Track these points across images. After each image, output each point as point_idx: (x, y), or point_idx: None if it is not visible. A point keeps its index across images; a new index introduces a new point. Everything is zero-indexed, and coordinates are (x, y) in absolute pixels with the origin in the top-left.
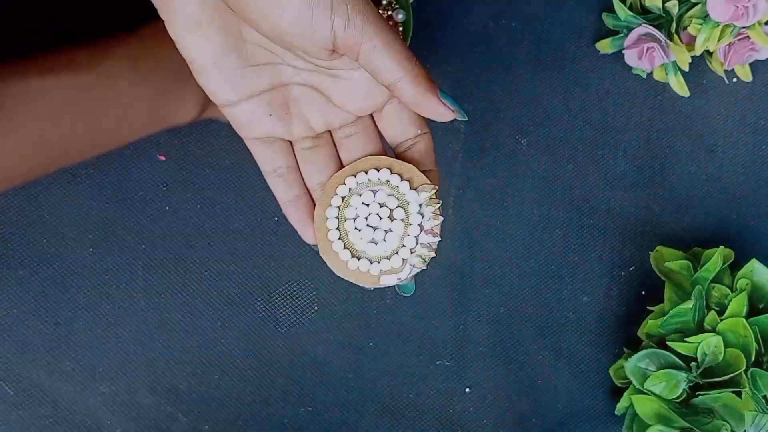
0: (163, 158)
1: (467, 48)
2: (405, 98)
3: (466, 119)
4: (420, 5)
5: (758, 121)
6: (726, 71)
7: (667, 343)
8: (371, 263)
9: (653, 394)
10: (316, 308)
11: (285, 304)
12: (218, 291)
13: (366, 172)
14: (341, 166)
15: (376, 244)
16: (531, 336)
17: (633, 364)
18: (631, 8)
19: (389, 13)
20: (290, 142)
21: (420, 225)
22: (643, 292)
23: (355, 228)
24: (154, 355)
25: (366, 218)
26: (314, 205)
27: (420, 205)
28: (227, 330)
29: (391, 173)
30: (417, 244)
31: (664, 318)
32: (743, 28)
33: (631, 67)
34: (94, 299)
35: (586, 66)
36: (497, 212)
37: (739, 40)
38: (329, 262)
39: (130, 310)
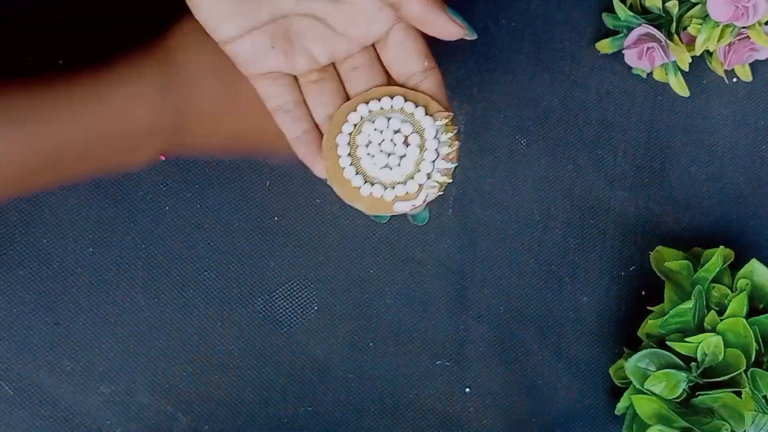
0: (163, 158)
1: (467, 48)
2: (412, 13)
3: (476, 37)
4: None
5: (758, 121)
6: (726, 71)
7: (667, 343)
8: (385, 189)
9: (653, 394)
10: (316, 308)
11: (285, 303)
12: (218, 291)
13: (379, 100)
14: (348, 99)
15: (391, 169)
16: (531, 336)
17: (633, 364)
18: (631, 8)
19: None
20: (295, 78)
21: (436, 150)
22: (643, 292)
23: (368, 154)
24: (154, 355)
25: (379, 144)
26: (322, 138)
27: (436, 131)
28: (227, 330)
29: (405, 101)
30: (433, 169)
31: (664, 318)
32: (743, 28)
33: (631, 67)
34: (94, 299)
35: (586, 66)
36: (497, 212)
37: (739, 40)
38: (339, 190)
39: (130, 309)
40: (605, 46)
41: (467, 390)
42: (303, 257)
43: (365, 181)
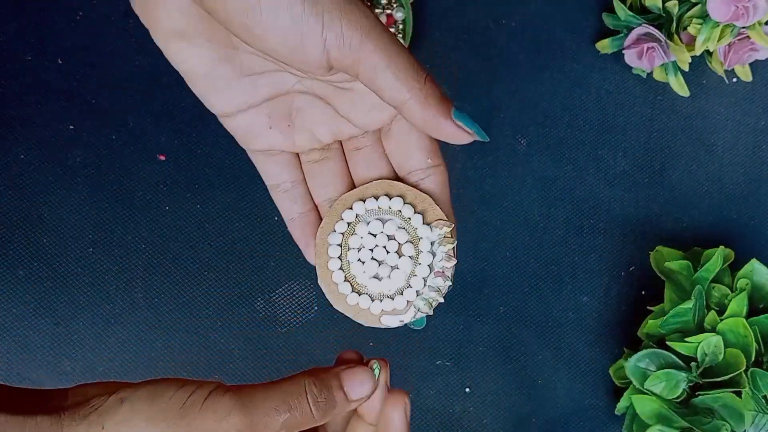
0: (163, 158)
1: (467, 48)
2: (414, 121)
3: (488, 140)
4: (420, 4)
5: (758, 121)
6: (726, 71)
7: (667, 343)
8: (372, 300)
9: (653, 394)
10: (316, 308)
11: (285, 303)
12: (218, 291)
13: (376, 198)
14: (351, 181)
15: (380, 280)
16: (531, 336)
17: (633, 364)
18: (631, 8)
19: (389, 11)
20: (297, 154)
21: (430, 266)
22: (643, 292)
23: (359, 260)
24: (154, 354)
25: (371, 250)
26: (320, 222)
27: (432, 243)
28: (227, 329)
29: (404, 203)
30: (425, 286)
31: (664, 318)
32: (743, 28)
33: (631, 67)
34: (94, 299)
35: (586, 66)
36: (497, 212)
37: (739, 40)
38: (327, 293)
39: (130, 309)
40: (605, 46)
41: (467, 390)
42: (303, 257)
43: (353, 290)
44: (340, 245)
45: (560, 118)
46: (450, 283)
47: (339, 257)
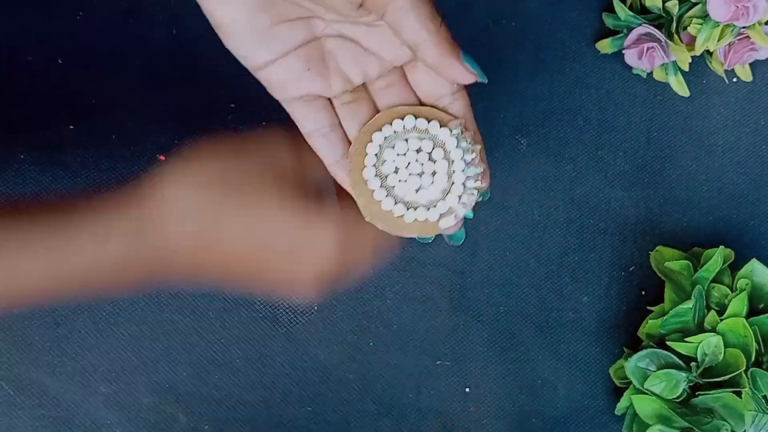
0: (163, 158)
1: (467, 48)
2: (428, 61)
3: (486, 81)
4: None
5: (758, 121)
6: (726, 71)
7: (667, 343)
8: (428, 210)
9: (653, 394)
10: (316, 308)
11: (285, 303)
12: (218, 291)
13: (390, 123)
14: None
15: (426, 189)
16: (531, 336)
17: (633, 364)
18: (631, 8)
19: None
20: (329, 100)
21: (462, 159)
22: (643, 292)
23: (400, 181)
24: (154, 354)
25: (407, 168)
26: None
27: (456, 141)
28: (227, 330)
29: (416, 119)
30: (465, 177)
31: (664, 318)
32: (743, 28)
33: (631, 67)
34: (94, 299)
35: (586, 66)
36: (497, 212)
37: (739, 40)
38: (383, 225)
39: (130, 310)
40: (605, 46)
41: (467, 390)
42: None
43: (407, 208)
44: (377, 176)
45: (560, 118)
46: (485, 166)
47: (381, 187)
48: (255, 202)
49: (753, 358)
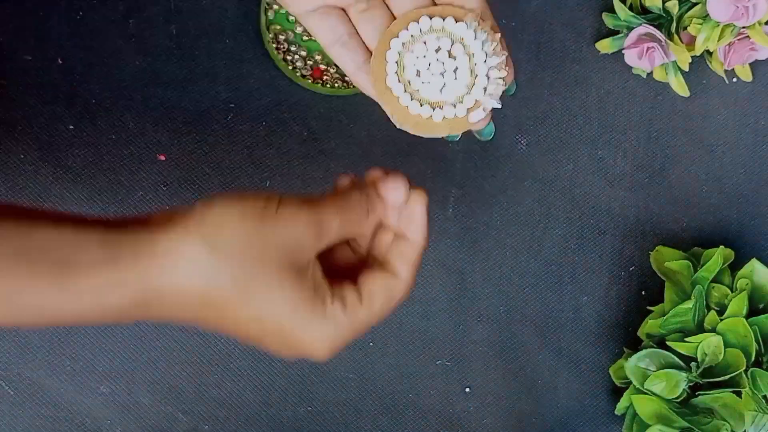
0: (163, 158)
1: None
2: None
3: None
4: None
5: (758, 121)
6: (726, 71)
7: (667, 343)
8: (455, 107)
9: (653, 394)
10: None
11: None
12: None
13: (407, 28)
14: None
15: (450, 86)
16: (531, 336)
17: (633, 364)
18: (631, 8)
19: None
20: (344, 11)
21: (482, 50)
22: (643, 292)
23: (423, 83)
24: (154, 354)
25: (428, 68)
26: None
27: (474, 33)
28: None
29: (430, 18)
30: (488, 68)
31: (664, 318)
32: (743, 28)
33: (631, 67)
34: None
35: (586, 66)
36: (497, 212)
37: (739, 40)
38: (414, 129)
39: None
40: (605, 46)
41: (467, 390)
42: None
43: (434, 108)
44: (400, 82)
45: (560, 118)
46: (506, 54)
47: (406, 92)
48: (268, 283)
49: (753, 358)
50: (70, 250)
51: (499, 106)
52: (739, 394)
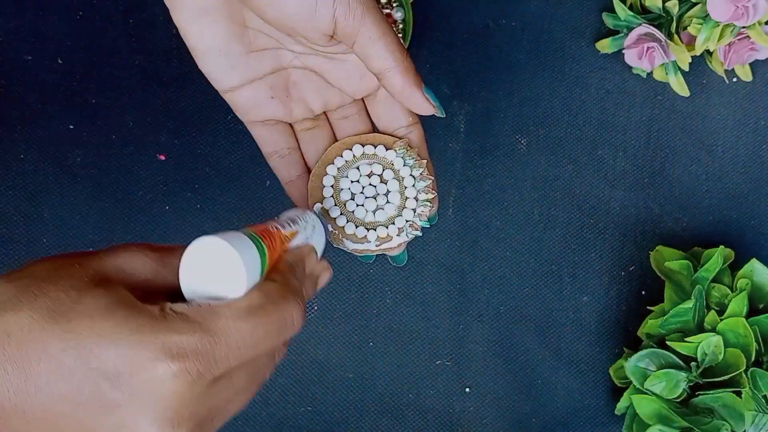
0: (163, 158)
1: (467, 48)
2: (393, 88)
3: (444, 117)
4: (420, 4)
5: (758, 121)
6: (726, 71)
7: (667, 343)
8: (387, 228)
9: (653, 393)
10: (316, 308)
11: None
12: None
13: (341, 155)
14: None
15: (384, 209)
16: (531, 336)
17: (633, 364)
18: (631, 8)
19: (388, 11)
20: (290, 125)
21: (411, 175)
22: (643, 292)
23: (357, 205)
24: None
25: (362, 192)
26: None
27: (403, 159)
28: None
29: (362, 146)
30: (417, 191)
31: (664, 318)
32: (743, 28)
33: (631, 67)
34: None
35: (586, 66)
36: (497, 212)
37: (739, 39)
38: (350, 247)
39: None
40: (605, 46)
41: (467, 390)
42: None
43: (368, 229)
44: (336, 205)
45: (560, 118)
46: (432, 178)
47: (335, 204)
48: (77, 304)
49: (753, 358)
50: None
51: (428, 225)
52: (739, 394)
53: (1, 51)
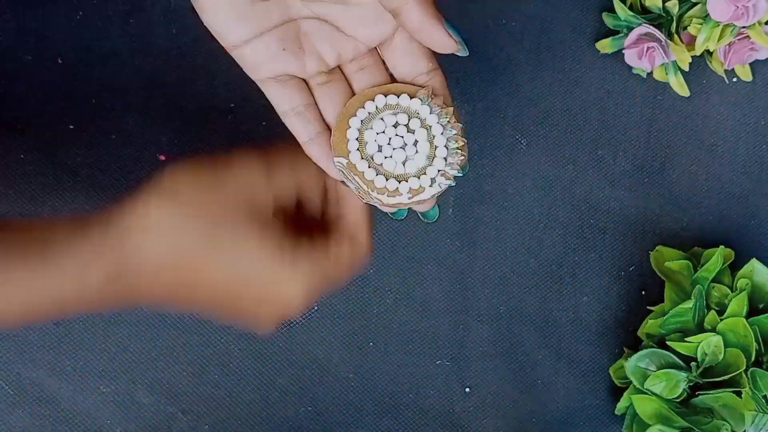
0: (163, 158)
1: (467, 48)
2: (411, 23)
3: (467, 54)
4: None
5: (758, 121)
6: (726, 71)
7: (667, 343)
8: (418, 178)
9: (653, 393)
10: (315, 308)
11: None
12: None
13: (363, 107)
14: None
15: (413, 159)
16: (531, 336)
17: (633, 364)
18: (631, 8)
19: None
20: (304, 81)
21: (438, 123)
22: (643, 292)
23: (386, 157)
24: (154, 354)
25: (389, 144)
26: None
27: (429, 106)
28: (227, 329)
29: (385, 96)
30: (446, 139)
31: (664, 318)
32: (743, 27)
33: (631, 67)
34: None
35: (586, 66)
36: (497, 212)
37: (739, 39)
38: (380, 203)
39: (129, 309)
40: (605, 45)
41: (467, 390)
42: None
43: (399, 181)
44: (363, 158)
45: (560, 118)
46: (461, 124)
47: (363, 158)
48: (233, 238)
49: (753, 358)
50: (44, 232)
51: (462, 174)
52: (739, 394)
53: (1, 51)
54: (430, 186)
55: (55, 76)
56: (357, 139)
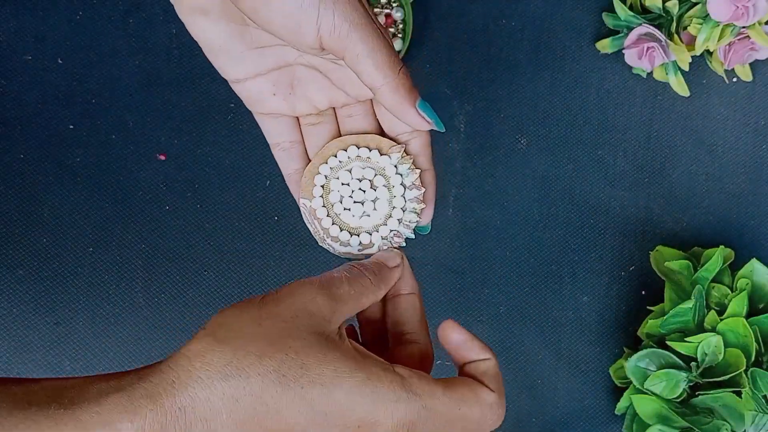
0: (163, 158)
1: (467, 48)
2: (384, 104)
3: (443, 131)
4: (419, 4)
5: (758, 121)
6: (726, 71)
7: (667, 342)
8: (371, 235)
9: (653, 393)
10: None
11: None
12: (218, 291)
13: (335, 156)
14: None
15: (369, 216)
16: (531, 336)
17: (633, 364)
18: (631, 8)
19: (388, 11)
20: (297, 118)
21: (402, 184)
22: (643, 292)
23: (345, 209)
24: (154, 354)
25: (350, 196)
26: None
27: (395, 166)
28: None
29: (358, 148)
30: (405, 201)
31: (664, 318)
32: (743, 27)
33: (631, 67)
34: (94, 299)
35: (586, 66)
36: (497, 212)
37: (739, 39)
38: (332, 250)
39: (129, 309)
40: (605, 45)
41: None
42: (303, 257)
43: (351, 235)
44: (324, 206)
45: (560, 118)
46: (424, 189)
47: (323, 205)
48: (305, 370)
49: (753, 358)
50: (75, 391)
51: (413, 237)
52: (739, 394)
53: (1, 51)
54: (381, 242)
55: (55, 76)
56: (323, 186)
